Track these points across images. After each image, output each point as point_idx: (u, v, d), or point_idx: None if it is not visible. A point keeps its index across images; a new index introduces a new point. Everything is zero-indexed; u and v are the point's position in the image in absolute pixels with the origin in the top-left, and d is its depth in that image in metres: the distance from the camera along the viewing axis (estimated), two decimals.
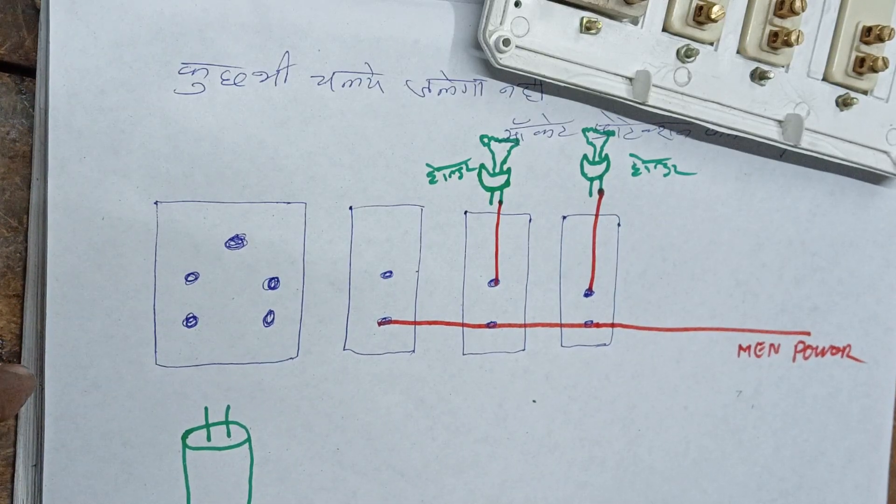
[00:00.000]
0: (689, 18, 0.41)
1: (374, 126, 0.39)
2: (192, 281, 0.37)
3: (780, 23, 0.43)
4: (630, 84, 0.41)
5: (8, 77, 0.36)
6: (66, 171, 0.35)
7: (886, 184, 0.50)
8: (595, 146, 0.43)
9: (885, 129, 0.47)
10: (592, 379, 0.45)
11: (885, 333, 0.51)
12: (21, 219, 0.37)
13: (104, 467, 0.37)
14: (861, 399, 0.51)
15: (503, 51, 0.38)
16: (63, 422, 0.36)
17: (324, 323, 0.40)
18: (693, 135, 0.45)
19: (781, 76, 0.44)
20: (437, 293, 0.42)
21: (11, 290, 0.37)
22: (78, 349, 0.36)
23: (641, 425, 0.46)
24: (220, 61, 0.37)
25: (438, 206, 0.41)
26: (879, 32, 0.44)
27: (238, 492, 0.39)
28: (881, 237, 0.50)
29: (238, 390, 0.39)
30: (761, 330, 0.48)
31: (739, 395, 0.48)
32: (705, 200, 0.46)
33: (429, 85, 0.40)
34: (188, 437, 0.38)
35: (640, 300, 0.45)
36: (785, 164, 0.47)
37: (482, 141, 0.41)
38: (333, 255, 0.39)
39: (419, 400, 0.42)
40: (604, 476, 0.46)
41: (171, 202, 0.37)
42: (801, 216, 0.48)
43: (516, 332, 0.43)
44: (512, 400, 0.43)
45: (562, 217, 0.43)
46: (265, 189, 0.38)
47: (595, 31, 0.40)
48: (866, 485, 0.52)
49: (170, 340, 0.37)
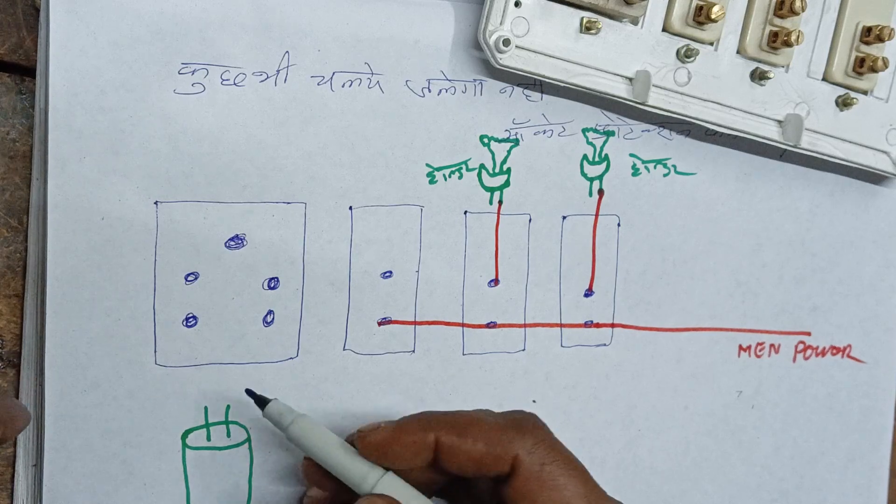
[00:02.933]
0: (689, 18, 0.41)
1: (373, 126, 0.39)
2: (191, 281, 0.37)
3: (780, 23, 0.43)
4: (630, 84, 0.41)
5: (8, 77, 0.36)
6: (66, 171, 0.35)
7: (886, 184, 0.50)
8: (595, 146, 0.43)
9: (885, 129, 0.46)
10: (592, 379, 0.45)
11: (885, 334, 0.51)
12: (21, 219, 0.37)
13: (104, 467, 0.37)
14: (861, 399, 0.51)
15: (503, 51, 0.39)
16: (63, 422, 0.36)
17: (324, 323, 0.40)
18: (693, 135, 0.45)
19: (781, 76, 0.44)
20: (437, 293, 0.42)
21: (11, 290, 0.37)
22: (78, 349, 0.36)
23: (642, 425, 0.46)
24: (220, 61, 0.37)
25: (438, 206, 0.41)
26: (879, 32, 0.44)
27: (238, 492, 0.39)
28: (881, 237, 0.50)
29: (238, 390, 0.39)
30: (761, 330, 0.48)
31: (740, 396, 0.48)
32: (705, 200, 0.46)
33: (429, 85, 0.40)
34: (188, 437, 0.38)
35: (640, 300, 0.45)
36: (785, 165, 0.47)
37: (482, 141, 0.41)
38: (333, 255, 0.39)
39: (419, 400, 0.42)
40: (604, 476, 0.45)
41: (171, 202, 0.37)
42: (801, 216, 0.48)
43: (516, 332, 0.43)
44: (512, 400, 0.43)
45: (562, 217, 0.43)
46: (265, 189, 0.38)
47: (595, 31, 0.40)
48: (867, 485, 0.52)
49: (170, 340, 0.37)
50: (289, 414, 0.36)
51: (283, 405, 0.36)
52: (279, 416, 0.36)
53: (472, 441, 0.33)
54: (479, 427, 0.34)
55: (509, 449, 0.33)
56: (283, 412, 0.36)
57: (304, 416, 0.36)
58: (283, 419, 0.36)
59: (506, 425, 0.34)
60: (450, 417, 0.34)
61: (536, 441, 0.34)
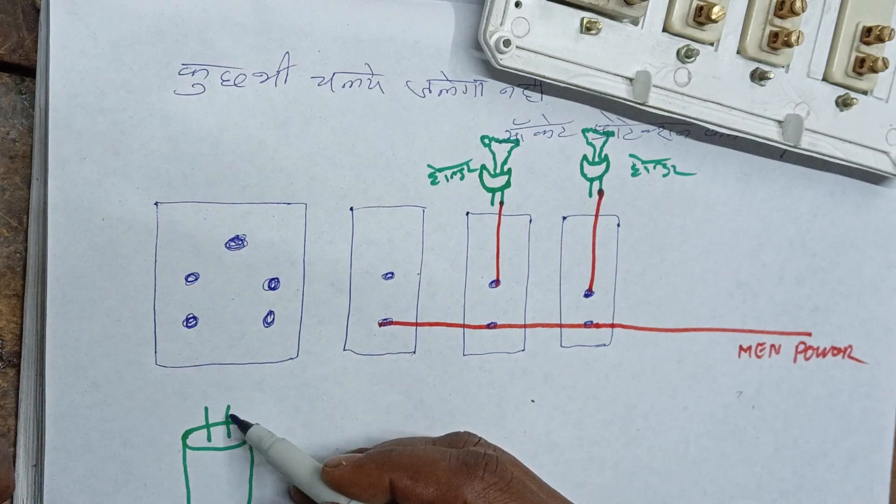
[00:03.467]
0: (690, 19, 0.41)
1: (374, 127, 0.39)
2: (192, 281, 0.37)
3: (781, 23, 0.43)
4: (630, 84, 0.41)
5: (8, 77, 0.36)
6: (66, 171, 0.35)
7: (886, 184, 0.50)
8: (595, 147, 0.43)
9: (885, 130, 0.46)
10: (592, 379, 0.45)
11: (886, 334, 0.51)
12: (21, 219, 0.37)
13: (104, 467, 0.37)
14: (862, 400, 0.51)
15: (503, 51, 0.39)
16: (63, 422, 0.36)
17: (324, 323, 0.40)
18: (693, 135, 0.45)
19: (781, 76, 0.44)
20: (438, 295, 0.42)
21: (11, 290, 0.37)
22: (78, 349, 0.36)
23: (641, 425, 0.46)
24: (220, 62, 0.37)
25: (440, 207, 0.41)
26: (879, 33, 0.44)
27: (238, 492, 0.39)
28: (881, 237, 0.50)
29: (238, 390, 0.39)
30: (762, 330, 0.48)
31: (740, 396, 0.48)
32: (705, 201, 0.46)
33: (429, 86, 0.40)
34: (188, 438, 0.38)
35: (640, 300, 0.45)
36: (785, 165, 0.47)
37: (483, 142, 0.41)
38: (334, 256, 0.39)
39: (419, 400, 0.42)
40: (602, 476, 0.46)
41: (172, 203, 0.37)
42: (801, 216, 0.48)
43: (516, 333, 0.43)
44: (511, 400, 0.43)
45: (562, 217, 0.43)
46: (265, 190, 0.38)
47: (595, 31, 0.40)
48: (868, 486, 0.52)
49: (170, 341, 0.37)
50: (268, 438, 0.38)
51: (263, 430, 0.38)
52: (259, 440, 0.38)
53: (424, 485, 0.35)
54: (433, 470, 0.35)
55: (458, 493, 0.34)
56: (262, 436, 0.38)
57: (282, 440, 0.38)
58: (262, 443, 0.38)
59: (456, 469, 0.35)
60: (406, 460, 0.36)
61: (487, 486, 0.35)
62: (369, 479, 0.35)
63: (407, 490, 0.35)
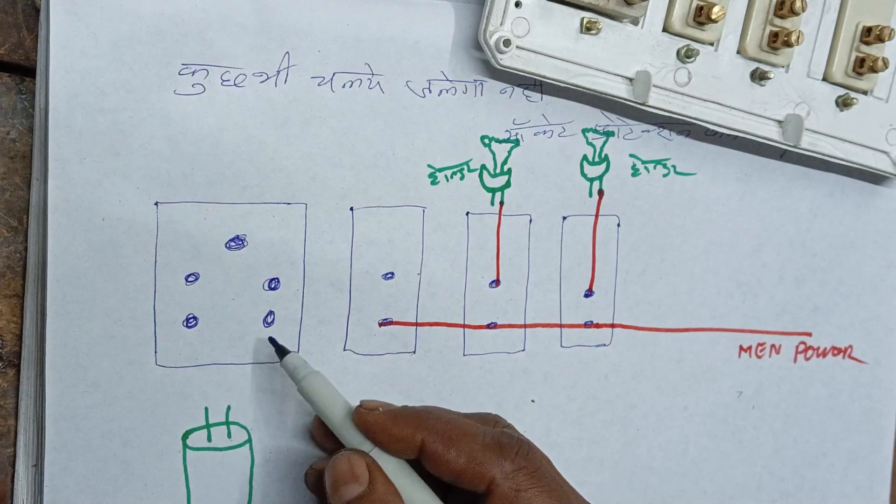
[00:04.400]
0: (690, 19, 0.41)
1: (374, 127, 0.39)
2: (192, 281, 0.37)
3: (781, 23, 0.43)
4: (630, 84, 0.41)
5: (8, 77, 0.36)
6: (66, 171, 0.35)
7: (886, 184, 0.50)
8: (595, 147, 0.43)
9: (885, 130, 0.46)
10: (591, 379, 0.45)
11: (886, 334, 0.51)
12: (21, 219, 0.37)
13: (104, 467, 0.37)
14: (863, 400, 0.51)
15: (503, 51, 0.39)
16: (63, 422, 0.36)
17: (324, 323, 0.40)
18: (693, 135, 0.45)
19: (781, 76, 0.44)
20: (439, 295, 0.42)
21: (11, 290, 0.37)
22: (78, 349, 0.36)
23: (640, 425, 0.46)
24: (220, 62, 0.37)
25: (440, 207, 0.41)
26: (879, 33, 0.44)
27: (239, 493, 0.39)
28: (881, 237, 0.50)
29: (238, 390, 0.39)
30: (762, 330, 0.48)
31: (740, 396, 0.48)
32: (705, 201, 0.46)
33: (429, 85, 0.40)
34: (188, 438, 0.38)
35: (640, 300, 0.45)
36: (785, 165, 0.47)
37: (483, 142, 0.41)
38: (334, 256, 0.39)
39: (419, 400, 0.42)
40: (602, 476, 0.46)
41: (172, 203, 0.37)
42: (801, 216, 0.48)
43: (516, 333, 0.43)
44: (511, 400, 0.43)
45: (562, 217, 0.43)
46: (265, 190, 0.38)
47: (595, 31, 0.40)
48: (868, 486, 0.52)
49: (170, 341, 0.37)
50: (303, 368, 0.37)
51: (299, 359, 0.37)
52: (294, 369, 0.37)
53: (456, 453, 0.34)
54: (466, 441, 0.34)
55: (487, 470, 0.34)
56: (297, 366, 0.37)
57: (317, 373, 0.37)
58: (297, 373, 0.37)
59: (490, 445, 0.35)
60: (443, 424, 0.35)
61: (517, 468, 0.34)
62: (402, 433, 0.35)
63: (437, 454, 0.34)
